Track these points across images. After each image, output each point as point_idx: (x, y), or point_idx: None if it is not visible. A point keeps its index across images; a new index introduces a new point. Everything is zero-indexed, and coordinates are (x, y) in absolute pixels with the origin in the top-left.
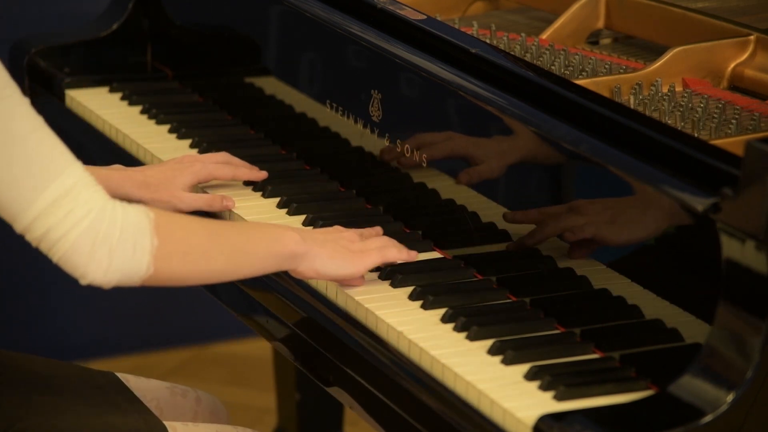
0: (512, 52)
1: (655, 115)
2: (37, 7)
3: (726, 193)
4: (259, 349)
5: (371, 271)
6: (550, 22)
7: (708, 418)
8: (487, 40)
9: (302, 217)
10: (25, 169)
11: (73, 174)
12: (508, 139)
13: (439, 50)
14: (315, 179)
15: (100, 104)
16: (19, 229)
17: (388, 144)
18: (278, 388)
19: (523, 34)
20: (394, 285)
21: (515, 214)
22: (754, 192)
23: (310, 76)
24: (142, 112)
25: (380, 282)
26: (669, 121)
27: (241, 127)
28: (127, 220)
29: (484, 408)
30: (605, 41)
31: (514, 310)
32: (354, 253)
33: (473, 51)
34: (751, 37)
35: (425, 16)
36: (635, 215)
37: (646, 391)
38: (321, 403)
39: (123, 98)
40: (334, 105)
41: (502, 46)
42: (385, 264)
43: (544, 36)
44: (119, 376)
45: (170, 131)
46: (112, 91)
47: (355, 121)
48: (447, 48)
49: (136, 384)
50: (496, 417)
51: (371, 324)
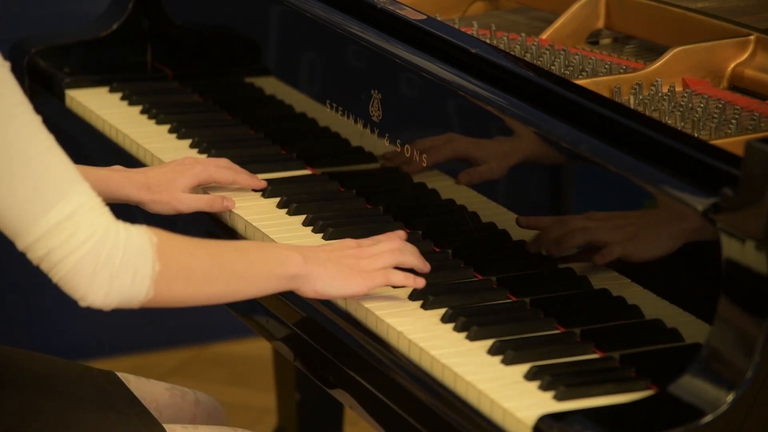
0: (512, 52)
1: (655, 115)
2: (37, 7)
3: (726, 193)
4: (259, 349)
5: None
6: (550, 22)
7: (708, 418)
8: (487, 40)
9: (302, 217)
10: (32, 188)
11: (79, 195)
12: (508, 139)
13: (439, 50)
14: (315, 179)
15: (100, 104)
16: (20, 247)
17: (388, 144)
18: (278, 388)
19: (523, 34)
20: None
21: (528, 220)
22: (754, 192)
23: (310, 76)
24: (142, 112)
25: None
26: (669, 121)
27: (241, 127)
28: (130, 244)
29: (484, 408)
30: (605, 41)
31: (514, 310)
32: (358, 272)
33: (473, 51)
34: (751, 37)
35: (425, 16)
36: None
37: (646, 391)
38: (321, 403)
39: (123, 98)
40: (334, 105)
41: (502, 46)
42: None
43: (544, 36)
44: (120, 376)
45: (170, 131)
46: (112, 91)
47: (355, 121)
48: (447, 48)
49: (137, 385)
50: (496, 417)
51: (371, 324)
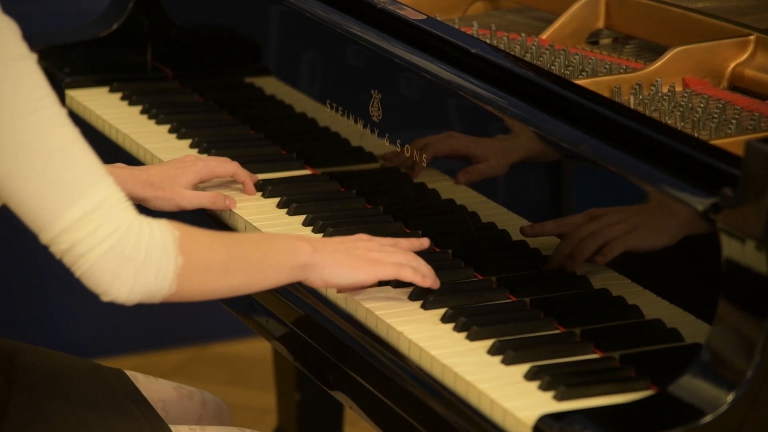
0: (512, 52)
1: (655, 115)
2: (37, 7)
3: (726, 193)
4: (259, 349)
5: None
6: (550, 22)
7: (708, 418)
8: (487, 40)
9: (302, 217)
10: (57, 181)
11: (104, 189)
12: (508, 139)
13: (439, 50)
14: (315, 179)
15: (100, 104)
16: (44, 240)
17: (388, 144)
18: (278, 388)
19: (523, 34)
20: (395, 285)
21: (533, 228)
22: (754, 192)
23: (310, 76)
24: (142, 112)
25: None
26: (669, 121)
27: (241, 127)
28: (153, 239)
29: (484, 408)
30: (605, 41)
31: (514, 310)
32: (367, 261)
33: (473, 51)
34: (751, 37)
35: (425, 16)
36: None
37: (646, 391)
38: (321, 403)
39: (123, 98)
40: (334, 105)
41: (502, 46)
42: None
43: (544, 36)
44: (128, 374)
45: (170, 131)
46: (112, 91)
47: (355, 121)
48: (447, 48)
49: (145, 383)
50: (496, 417)
51: (371, 324)
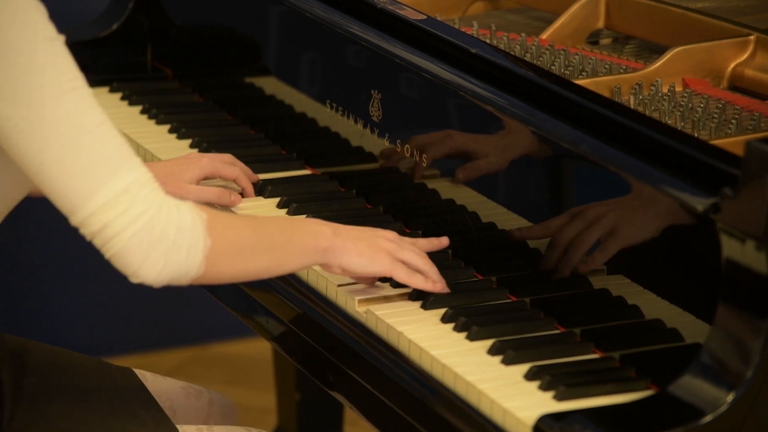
0: (512, 52)
1: (655, 115)
2: None
3: (726, 193)
4: (259, 349)
5: None
6: (550, 22)
7: (708, 418)
8: (487, 40)
9: (302, 218)
10: (88, 162)
11: (134, 170)
12: (507, 139)
13: (439, 50)
14: (315, 179)
15: (100, 104)
16: (75, 221)
17: (388, 144)
18: (278, 388)
19: (523, 34)
20: (394, 285)
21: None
22: (754, 192)
23: (310, 76)
24: (142, 112)
25: (380, 283)
26: (669, 121)
27: (241, 127)
28: (183, 220)
29: (484, 408)
30: (605, 41)
31: (514, 310)
32: (387, 254)
33: (473, 51)
34: (751, 37)
35: (425, 16)
36: (635, 216)
37: (646, 391)
38: (321, 403)
39: (123, 98)
40: (334, 105)
41: (502, 46)
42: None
43: (544, 36)
44: (137, 372)
45: (170, 131)
46: (112, 91)
47: (355, 121)
48: (447, 48)
49: (153, 382)
50: (496, 417)
51: (371, 324)
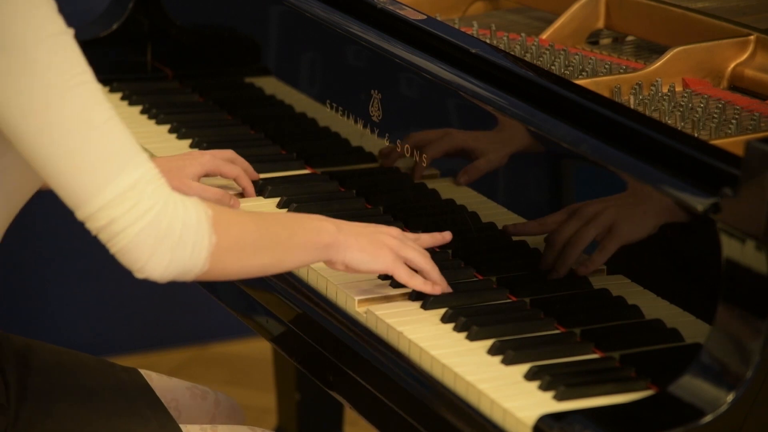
0: (512, 52)
1: (655, 115)
2: None
3: (726, 193)
4: (259, 349)
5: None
6: (550, 22)
7: (708, 418)
8: (487, 40)
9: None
10: (95, 158)
11: (141, 165)
12: (507, 138)
13: (439, 50)
14: (315, 179)
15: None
16: (81, 216)
17: (388, 144)
18: (278, 388)
19: (523, 34)
20: (395, 285)
21: (516, 227)
22: (754, 192)
23: (310, 76)
24: (142, 112)
25: (381, 282)
26: (669, 121)
27: (241, 127)
28: (188, 216)
29: (484, 408)
30: (605, 41)
31: (514, 310)
32: (389, 251)
33: (473, 51)
34: (751, 37)
35: (425, 16)
36: (635, 216)
37: (646, 391)
38: (321, 403)
39: (123, 98)
40: (334, 105)
41: (502, 46)
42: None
43: (544, 36)
44: (143, 373)
45: (170, 131)
46: (112, 91)
47: (355, 121)
48: (447, 48)
49: (159, 383)
50: (496, 417)
51: (371, 324)
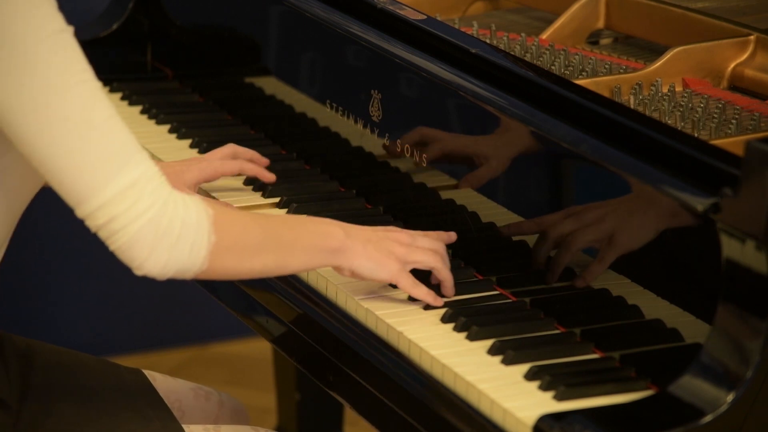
0: (512, 52)
1: (655, 115)
2: None
3: (726, 193)
4: (259, 349)
5: None
6: (550, 22)
7: (708, 418)
8: (487, 40)
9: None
10: (96, 156)
11: (141, 163)
12: (508, 139)
13: (439, 50)
14: (315, 179)
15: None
16: (81, 214)
17: (388, 144)
18: (278, 388)
19: (523, 34)
20: (395, 285)
21: (510, 227)
22: (754, 192)
23: (310, 76)
24: (142, 112)
25: (380, 282)
26: (669, 121)
27: (241, 127)
28: (188, 215)
29: (484, 408)
30: (605, 41)
31: (514, 310)
32: (396, 259)
33: (473, 51)
34: (751, 37)
35: (425, 16)
36: (635, 216)
37: (646, 391)
38: (321, 403)
39: (123, 98)
40: (334, 105)
41: (502, 46)
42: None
43: (544, 36)
44: (147, 374)
45: (170, 131)
46: (112, 91)
47: (355, 121)
48: (447, 48)
49: (163, 383)
50: (496, 417)
51: (371, 324)
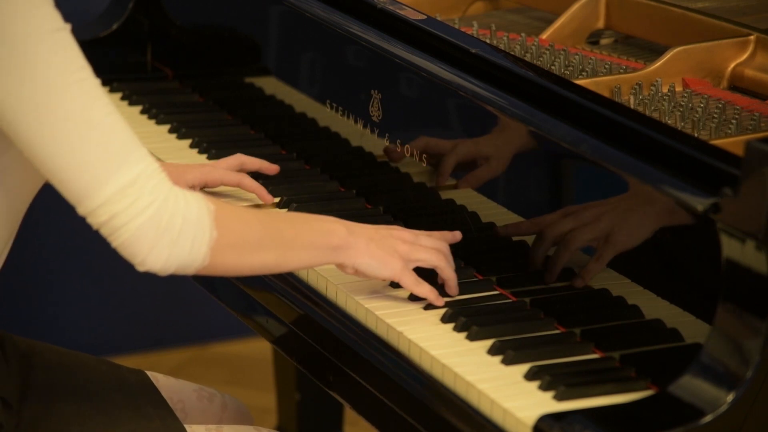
0: (512, 52)
1: (655, 115)
2: None
3: (726, 193)
4: (259, 349)
5: None
6: (550, 22)
7: (708, 418)
8: (487, 40)
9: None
10: (96, 154)
11: (142, 160)
12: (508, 139)
13: (439, 50)
14: (315, 179)
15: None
16: (82, 212)
17: (388, 144)
18: (278, 388)
19: (523, 34)
20: (395, 285)
21: (507, 228)
22: (754, 192)
23: (310, 76)
24: (142, 112)
25: (381, 282)
26: (669, 121)
27: (241, 127)
28: (189, 211)
29: (484, 408)
30: (605, 41)
31: (514, 310)
32: (399, 258)
33: (473, 51)
34: (751, 37)
35: (425, 16)
36: (635, 216)
37: (646, 391)
38: (321, 403)
39: (123, 98)
40: (334, 105)
41: (502, 46)
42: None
43: (544, 36)
44: (149, 375)
45: (170, 131)
46: (112, 91)
47: (355, 121)
48: (447, 48)
49: (166, 384)
50: (496, 417)
51: (371, 324)
